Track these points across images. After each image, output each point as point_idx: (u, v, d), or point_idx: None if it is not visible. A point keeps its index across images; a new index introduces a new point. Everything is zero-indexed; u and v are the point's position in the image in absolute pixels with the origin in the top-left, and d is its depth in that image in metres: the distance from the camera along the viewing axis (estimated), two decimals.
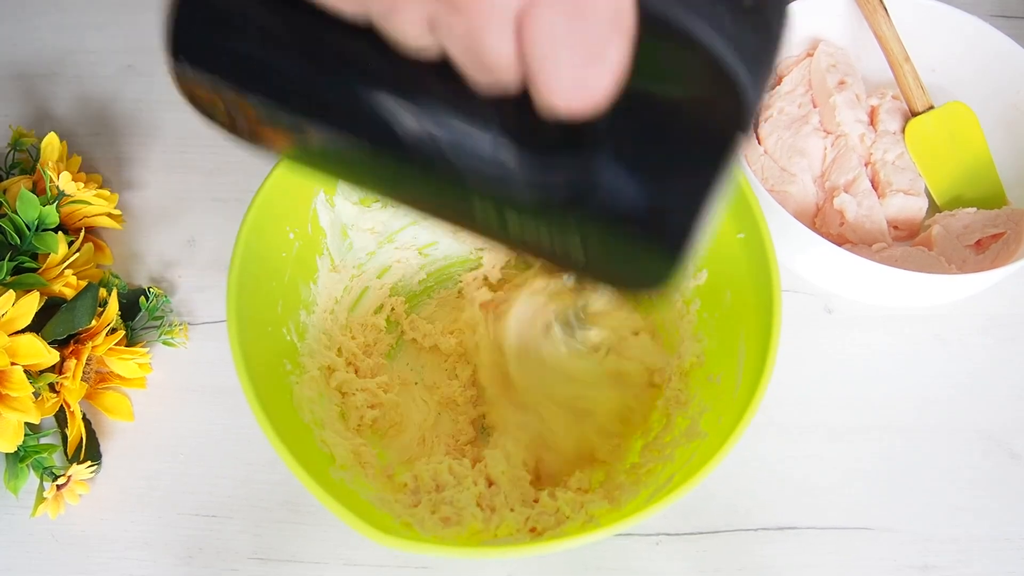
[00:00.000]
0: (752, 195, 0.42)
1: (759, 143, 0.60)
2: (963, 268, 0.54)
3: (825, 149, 0.59)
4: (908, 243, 0.57)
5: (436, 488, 0.43)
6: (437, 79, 0.22)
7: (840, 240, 0.56)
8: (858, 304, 0.55)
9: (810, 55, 0.62)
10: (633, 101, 0.22)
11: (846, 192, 0.56)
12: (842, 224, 0.56)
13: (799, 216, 0.57)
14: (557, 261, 0.28)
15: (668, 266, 0.25)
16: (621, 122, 0.22)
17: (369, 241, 0.49)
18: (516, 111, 0.22)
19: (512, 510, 0.41)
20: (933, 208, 0.59)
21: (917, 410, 0.52)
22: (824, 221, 0.57)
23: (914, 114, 0.60)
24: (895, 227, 0.58)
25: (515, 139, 0.23)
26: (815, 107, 0.61)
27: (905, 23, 0.60)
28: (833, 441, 0.51)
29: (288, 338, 0.44)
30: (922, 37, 0.61)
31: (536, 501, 0.43)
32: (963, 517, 0.49)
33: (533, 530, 0.40)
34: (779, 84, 0.62)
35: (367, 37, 0.21)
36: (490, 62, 0.20)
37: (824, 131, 0.60)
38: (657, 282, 0.26)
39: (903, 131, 0.60)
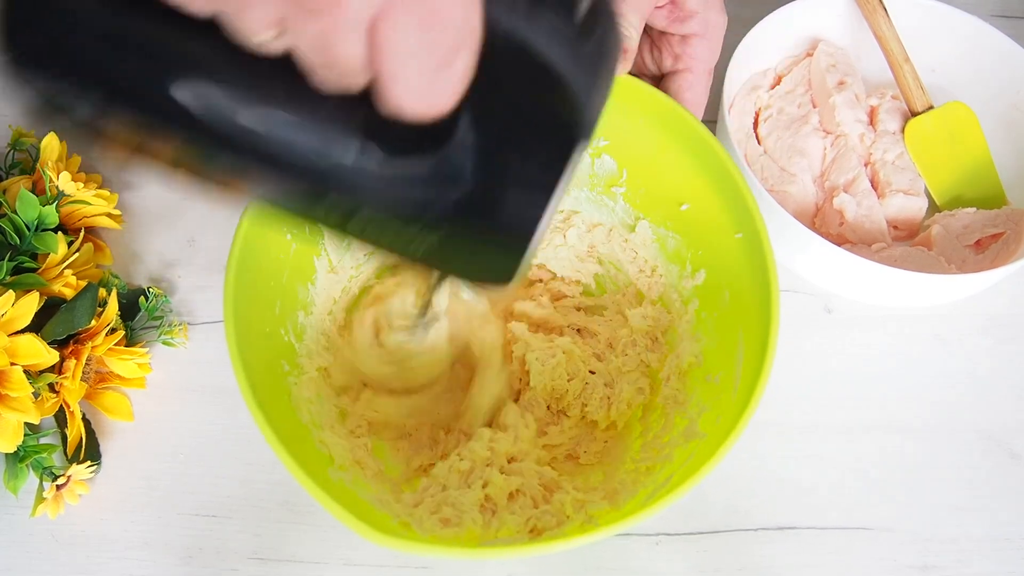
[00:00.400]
0: (750, 195, 0.42)
1: (759, 143, 0.60)
2: (963, 268, 0.54)
3: (825, 149, 0.59)
4: (908, 243, 0.57)
5: (442, 488, 0.43)
6: (279, 75, 0.22)
7: (840, 240, 0.56)
8: (858, 304, 0.55)
9: (810, 55, 0.62)
10: (480, 107, 0.23)
11: (846, 192, 0.56)
12: (841, 224, 0.56)
13: (799, 216, 0.57)
14: (408, 256, 0.29)
15: (513, 263, 0.27)
16: (469, 126, 0.24)
17: None
18: (360, 109, 0.22)
19: (513, 513, 0.41)
20: (933, 208, 0.59)
21: (917, 410, 0.52)
22: (824, 221, 0.57)
23: (914, 114, 0.60)
24: (895, 227, 0.58)
25: (358, 135, 0.24)
26: (815, 107, 0.61)
27: (905, 23, 0.60)
28: (833, 441, 0.51)
29: (286, 339, 0.44)
30: (922, 37, 0.61)
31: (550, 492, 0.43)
32: (963, 517, 0.49)
33: (533, 530, 0.40)
34: (779, 84, 0.62)
35: (209, 33, 0.21)
36: (339, 65, 0.20)
37: (824, 131, 0.60)
38: (503, 277, 0.28)
39: (903, 131, 0.60)
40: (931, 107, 0.59)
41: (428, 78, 0.20)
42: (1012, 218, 0.55)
